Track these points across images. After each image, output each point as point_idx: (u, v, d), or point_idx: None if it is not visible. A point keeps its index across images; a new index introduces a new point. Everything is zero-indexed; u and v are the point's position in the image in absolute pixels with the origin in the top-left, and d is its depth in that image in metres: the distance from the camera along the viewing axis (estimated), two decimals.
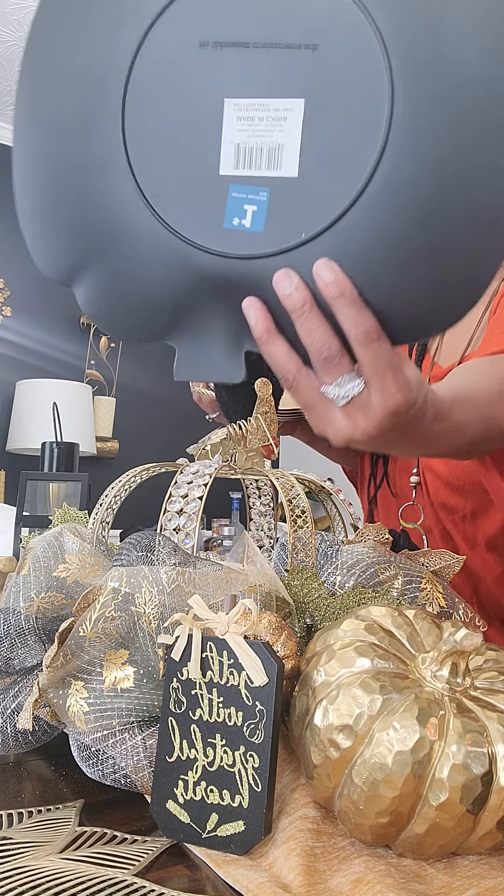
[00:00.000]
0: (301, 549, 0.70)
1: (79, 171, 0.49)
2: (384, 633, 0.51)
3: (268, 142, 0.46)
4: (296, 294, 0.47)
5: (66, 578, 0.65)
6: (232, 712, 0.48)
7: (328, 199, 0.45)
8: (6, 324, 3.35)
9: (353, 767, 0.45)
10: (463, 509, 0.98)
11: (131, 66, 0.47)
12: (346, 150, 0.45)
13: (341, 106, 0.45)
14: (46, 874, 0.42)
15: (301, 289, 0.47)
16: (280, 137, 0.46)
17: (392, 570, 0.68)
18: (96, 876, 0.42)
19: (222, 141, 0.46)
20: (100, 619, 0.54)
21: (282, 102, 0.45)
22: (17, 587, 0.64)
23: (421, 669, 0.49)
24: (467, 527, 0.98)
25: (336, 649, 0.49)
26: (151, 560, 0.62)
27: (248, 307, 0.49)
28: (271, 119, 0.46)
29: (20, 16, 2.70)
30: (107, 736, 0.54)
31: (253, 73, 0.46)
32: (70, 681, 0.55)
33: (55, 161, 0.50)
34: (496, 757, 0.45)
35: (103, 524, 0.76)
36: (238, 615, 0.50)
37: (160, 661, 0.54)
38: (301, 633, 0.64)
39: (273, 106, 0.46)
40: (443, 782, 0.44)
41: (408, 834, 0.45)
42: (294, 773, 0.55)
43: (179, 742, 0.50)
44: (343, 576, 0.68)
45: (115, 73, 0.48)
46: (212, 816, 0.48)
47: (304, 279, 0.47)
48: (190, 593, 0.56)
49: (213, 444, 0.85)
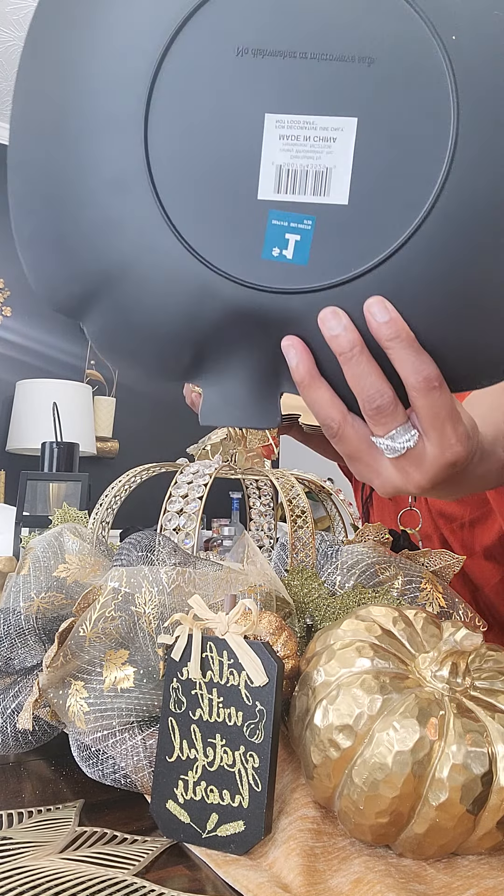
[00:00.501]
0: (301, 549, 0.70)
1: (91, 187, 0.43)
2: (384, 633, 0.51)
3: (314, 164, 0.41)
4: (344, 335, 0.42)
5: (66, 578, 0.65)
6: (232, 712, 0.48)
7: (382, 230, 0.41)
8: (6, 324, 3.35)
9: (353, 767, 0.45)
10: (461, 517, 0.98)
11: (157, 70, 0.42)
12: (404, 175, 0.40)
13: (399, 127, 0.40)
14: (46, 874, 0.42)
15: (350, 329, 0.42)
16: (328, 160, 0.41)
17: (392, 570, 0.68)
18: (96, 876, 0.42)
19: (262, 161, 0.41)
20: (100, 619, 0.54)
21: (331, 121, 0.40)
22: (17, 587, 0.64)
23: (421, 669, 0.49)
24: (465, 535, 0.98)
25: (336, 649, 0.49)
26: (151, 560, 0.62)
27: (287, 347, 0.44)
28: (318, 139, 0.41)
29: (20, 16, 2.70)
30: (107, 736, 0.54)
31: (298, 86, 0.40)
32: (70, 681, 0.55)
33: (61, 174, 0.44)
34: (496, 757, 0.45)
35: (103, 524, 0.76)
36: (238, 615, 0.50)
37: (160, 661, 0.54)
38: (301, 633, 0.64)
39: (321, 124, 0.41)
40: (443, 782, 0.44)
41: (408, 834, 0.45)
42: (294, 773, 0.55)
43: (179, 742, 0.50)
44: (343, 576, 0.68)
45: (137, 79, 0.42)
46: (212, 816, 0.48)
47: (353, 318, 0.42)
48: (190, 593, 0.56)
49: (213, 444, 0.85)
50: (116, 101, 0.42)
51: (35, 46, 0.44)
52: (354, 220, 0.41)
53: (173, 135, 0.42)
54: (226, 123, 0.42)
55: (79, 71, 0.43)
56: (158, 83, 0.42)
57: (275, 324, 0.44)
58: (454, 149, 0.40)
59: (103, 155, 0.43)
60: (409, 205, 0.41)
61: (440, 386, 0.43)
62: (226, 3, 0.41)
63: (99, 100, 0.43)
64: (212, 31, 0.41)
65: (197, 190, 0.42)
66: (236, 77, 0.41)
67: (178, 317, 0.45)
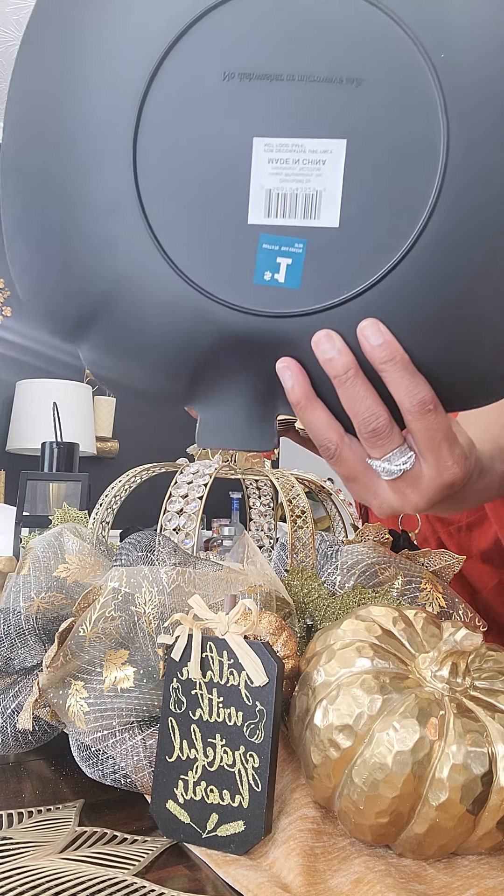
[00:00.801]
0: (301, 549, 0.70)
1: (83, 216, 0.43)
2: (384, 633, 0.51)
3: (304, 187, 0.41)
4: (339, 358, 0.42)
5: (66, 578, 0.65)
6: (232, 712, 0.48)
7: (374, 252, 0.41)
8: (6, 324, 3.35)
9: (353, 767, 0.45)
10: (458, 521, 0.98)
11: (144, 96, 0.41)
12: (395, 196, 0.40)
13: (389, 148, 0.40)
14: (46, 874, 0.42)
15: (345, 352, 0.42)
16: (318, 182, 0.41)
17: (392, 570, 0.68)
18: (96, 876, 0.42)
19: (251, 185, 0.41)
20: (100, 619, 0.54)
21: (320, 143, 0.40)
22: (17, 587, 0.64)
23: (421, 669, 0.49)
24: (462, 538, 0.98)
25: (336, 649, 0.49)
26: (151, 560, 0.62)
27: (282, 369, 0.44)
28: (308, 161, 0.40)
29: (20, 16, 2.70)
30: (107, 736, 0.54)
31: (286, 109, 0.40)
32: (70, 681, 0.55)
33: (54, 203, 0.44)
34: (496, 757, 0.45)
35: (103, 524, 0.76)
36: (238, 615, 0.50)
37: (160, 661, 0.54)
38: (301, 633, 0.64)
39: (310, 147, 0.40)
40: (443, 782, 0.44)
41: (408, 834, 0.45)
42: (294, 773, 0.55)
43: (179, 742, 0.50)
44: (343, 576, 0.68)
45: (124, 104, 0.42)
46: (212, 816, 0.48)
47: (346, 341, 0.42)
48: (190, 593, 0.56)
49: None
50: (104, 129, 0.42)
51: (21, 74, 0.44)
52: (346, 243, 0.41)
53: (162, 161, 0.42)
54: (214, 148, 0.41)
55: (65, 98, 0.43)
56: (146, 109, 0.42)
57: (269, 347, 0.44)
58: (444, 169, 0.40)
59: (93, 184, 0.43)
60: (400, 226, 0.40)
61: (435, 408, 0.43)
62: (212, 27, 0.41)
63: (86, 128, 0.43)
64: (198, 56, 0.41)
65: (187, 216, 0.42)
66: (224, 101, 0.41)
67: (172, 341, 0.45)
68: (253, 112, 0.41)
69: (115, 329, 0.45)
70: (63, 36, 0.43)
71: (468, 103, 0.39)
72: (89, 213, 0.43)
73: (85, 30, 0.43)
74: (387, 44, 0.39)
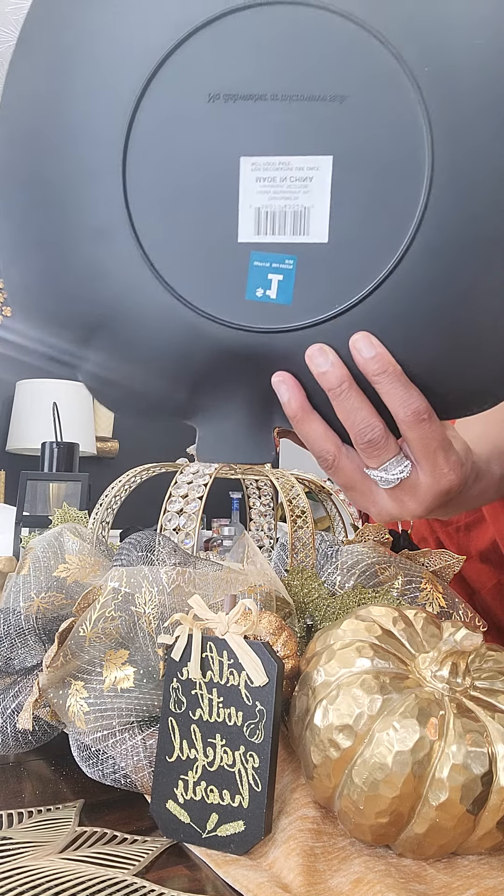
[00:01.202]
0: (301, 549, 0.70)
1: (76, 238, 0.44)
2: (384, 633, 0.51)
3: (292, 204, 0.41)
4: (332, 371, 0.42)
5: (66, 578, 0.65)
6: (232, 712, 0.48)
7: (364, 266, 0.41)
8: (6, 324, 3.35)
9: (353, 767, 0.45)
10: (457, 521, 0.98)
11: (131, 120, 0.42)
12: (383, 210, 0.41)
13: (375, 163, 0.40)
14: (46, 874, 0.42)
15: (338, 365, 0.42)
16: (306, 199, 0.41)
17: (392, 570, 0.68)
18: (96, 876, 0.42)
19: (240, 204, 0.42)
20: (100, 619, 0.54)
21: (306, 160, 0.41)
22: (17, 587, 0.64)
23: (421, 669, 0.49)
24: (461, 538, 0.98)
25: (336, 649, 0.49)
26: (151, 560, 0.62)
27: (278, 383, 0.44)
28: (295, 179, 0.41)
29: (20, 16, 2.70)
30: (107, 736, 0.54)
31: (271, 127, 0.41)
32: (70, 681, 0.55)
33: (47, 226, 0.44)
34: (496, 757, 0.45)
35: (103, 524, 0.76)
36: (238, 615, 0.50)
37: (160, 661, 0.54)
38: (301, 633, 0.64)
39: (297, 164, 0.41)
40: (443, 782, 0.44)
41: (408, 834, 0.45)
42: (294, 773, 0.55)
43: (179, 742, 0.50)
44: (343, 576, 0.68)
45: (113, 128, 0.42)
46: (212, 816, 0.48)
47: (340, 354, 0.43)
48: (190, 593, 0.56)
49: None
50: (94, 152, 0.43)
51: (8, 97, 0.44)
52: (336, 258, 0.42)
53: (151, 183, 0.43)
54: (202, 169, 0.42)
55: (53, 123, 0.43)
56: (133, 133, 0.42)
57: (264, 362, 0.44)
58: (431, 182, 0.40)
59: (85, 206, 0.43)
60: (389, 239, 0.41)
61: (430, 418, 0.43)
62: (195, 50, 0.41)
63: (77, 151, 0.43)
64: (183, 79, 0.42)
65: (178, 236, 0.43)
66: (209, 123, 0.42)
67: (169, 360, 0.45)
68: (239, 132, 0.41)
69: (112, 349, 0.46)
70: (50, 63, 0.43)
71: (452, 117, 0.39)
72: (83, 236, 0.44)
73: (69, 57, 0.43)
74: (369, 60, 0.40)
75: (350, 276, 0.42)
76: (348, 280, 0.42)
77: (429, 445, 0.44)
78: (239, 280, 0.43)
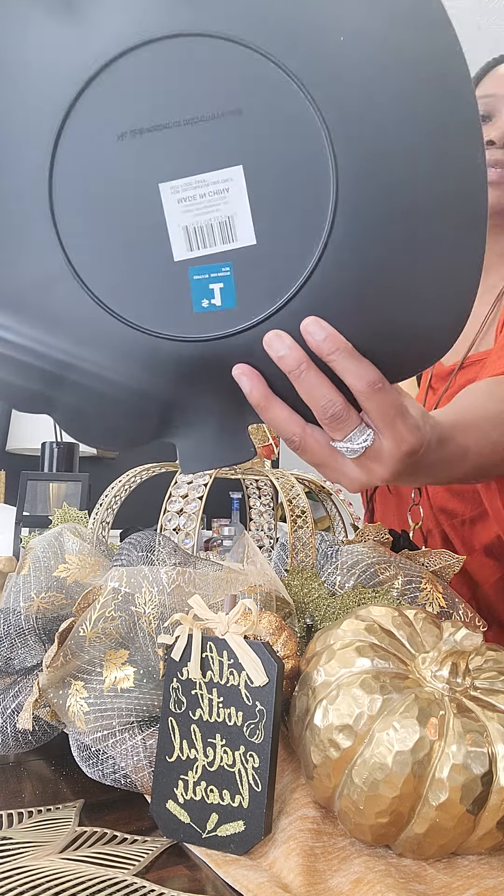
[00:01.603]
0: (301, 549, 0.70)
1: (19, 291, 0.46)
2: (384, 633, 0.51)
3: (216, 216, 0.44)
4: (290, 354, 0.45)
5: (66, 578, 0.65)
6: (232, 712, 0.48)
7: (294, 258, 0.44)
8: None
9: (353, 767, 0.45)
10: (462, 514, 0.98)
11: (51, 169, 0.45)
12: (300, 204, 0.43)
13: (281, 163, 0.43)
14: (46, 874, 0.42)
15: (295, 348, 0.45)
16: (227, 209, 0.44)
17: (392, 570, 0.68)
18: (96, 876, 0.42)
19: (168, 227, 0.44)
20: (100, 619, 0.54)
21: (219, 174, 0.44)
22: (17, 587, 0.64)
23: (421, 669, 0.49)
24: (466, 531, 0.98)
25: (336, 649, 0.49)
26: (151, 560, 0.62)
27: (239, 375, 0.47)
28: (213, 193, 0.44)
29: None
30: (107, 736, 0.54)
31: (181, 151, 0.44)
32: (70, 681, 0.55)
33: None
34: (496, 757, 0.45)
35: (103, 524, 0.76)
36: (238, 615, 0.50)
37: (160, 661, 0.54)
38: (301, 633, 0.64)
39: (211, 179, 0.44)
40: (443, 782, 0.44)
41: (408, 834, 0.45)
42: (294, 773, 0.55)
43: (179, 742, 0.50)
44: (343, 576, 0.68)
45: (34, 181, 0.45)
46: (212, 816, 0.48)
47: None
48: (190, 593, 0.56)
49: None
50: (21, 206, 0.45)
51: None
52: (268, 256, 0.44)
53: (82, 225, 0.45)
54: (127, 204, 0.45)
55: None
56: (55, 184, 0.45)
57: (225, 366, 0.47)
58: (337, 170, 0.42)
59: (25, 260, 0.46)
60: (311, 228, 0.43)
61: (384, 386, 0.46)
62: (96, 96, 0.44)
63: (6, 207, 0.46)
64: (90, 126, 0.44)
65: (119, 269, 0.46)
66: (124, 160, 0.44)
67: (135, 387, 0.48)
68: (152, 162, 0.44)
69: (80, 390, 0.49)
70: None
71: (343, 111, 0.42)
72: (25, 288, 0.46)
73: None
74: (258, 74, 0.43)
75: (284, 270, 0.44)
76: (284, 273, 0.44)
77: (387, 412, 0.47)
78: (184, 296, 0.45)
